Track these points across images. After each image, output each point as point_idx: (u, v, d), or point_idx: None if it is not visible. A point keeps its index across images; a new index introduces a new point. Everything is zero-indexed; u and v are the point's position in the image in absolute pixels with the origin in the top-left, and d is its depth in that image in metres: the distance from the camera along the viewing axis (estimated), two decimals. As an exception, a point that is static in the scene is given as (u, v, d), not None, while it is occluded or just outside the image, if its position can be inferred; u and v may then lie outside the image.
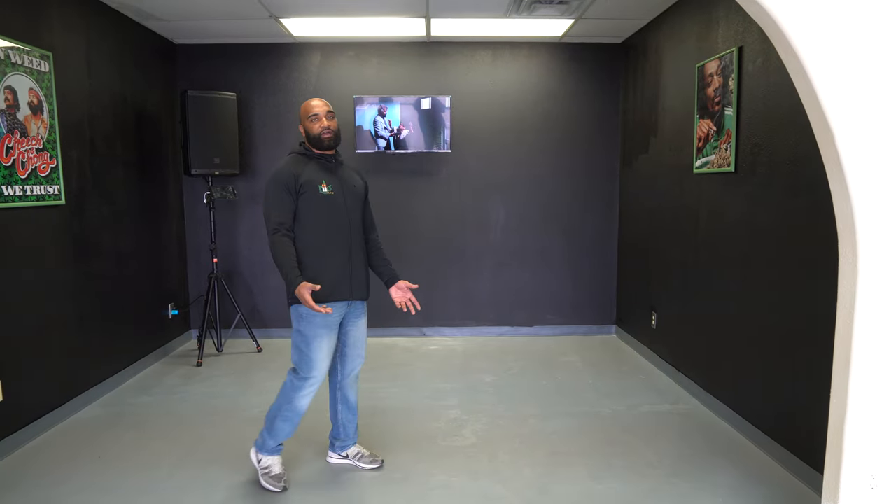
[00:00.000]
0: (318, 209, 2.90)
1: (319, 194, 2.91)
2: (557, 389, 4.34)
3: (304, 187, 2.88)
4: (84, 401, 4.00)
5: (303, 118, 3.00)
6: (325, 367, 2.93)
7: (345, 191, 3.01)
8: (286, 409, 2.95)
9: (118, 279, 4.47)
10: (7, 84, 3.35)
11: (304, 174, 2.91)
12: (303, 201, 2.88)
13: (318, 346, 2.88)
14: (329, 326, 2.91)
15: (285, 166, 2.93)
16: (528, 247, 5.73)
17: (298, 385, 2.92)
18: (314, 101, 3.02)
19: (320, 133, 2.95)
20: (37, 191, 3.56)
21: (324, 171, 2.98)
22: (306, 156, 3.00)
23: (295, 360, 2.93)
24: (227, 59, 5.46)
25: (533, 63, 5.55)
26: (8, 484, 3.03)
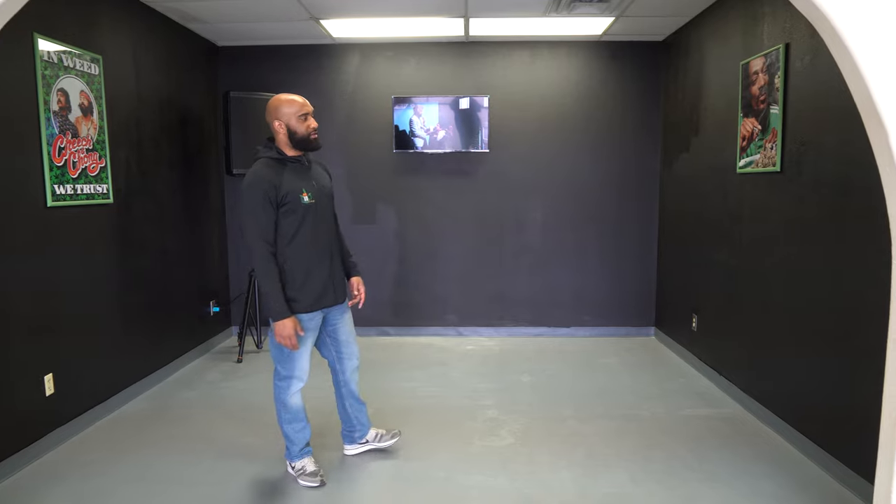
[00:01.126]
0: (301, 220, 2.79)
1: (302, 205, 2.79)
2: (595, 391, 4.30)
3: (287, 197, 2.74)
4: (130, 394, 4.11)
5: (287, 115, 2.79)
6: (306, 366, 2.94)
7: (322, 194, 2.93)
8: (284, 413, 2.99)
9: (162, 276, 4.57)
10: (60, 87, 3.45)
11: (283, 183, 2.75)
12: (285, 214, 2.75)
13: (300, 348, 2.88)
14: (312, 330, 2.92)
15: (262, 174, 2.74)
16: (566, 247, 5.69)
17: (283, 386, 2.94)
18: (296, 98, 2.84)
19: (309, 134, 2.84)
20: (86, 190, 3.67)
21: (301, 176, 2.84)
22: (280, 160, 2.83)
23: (276, 360, 2.92)
24: (268, 61, 5.55)
25: (572, 62, 5.51)
26: (57, 474, 3.12)
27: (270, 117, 2.85)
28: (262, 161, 2.82)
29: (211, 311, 5.37)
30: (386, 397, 4.18)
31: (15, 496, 2.90)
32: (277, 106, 2.82)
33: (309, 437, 3.09)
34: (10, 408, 3.11)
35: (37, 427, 3.28)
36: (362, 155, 5.61)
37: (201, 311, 5.22)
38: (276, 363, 2.93)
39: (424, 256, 5.74)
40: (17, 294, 3.15)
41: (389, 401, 4.12)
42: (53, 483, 3.03)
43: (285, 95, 2.86)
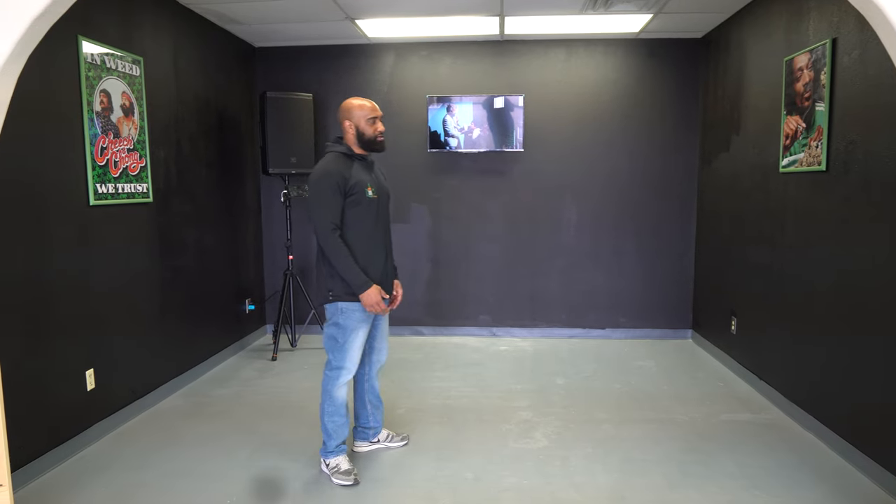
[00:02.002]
0: (364, 213, 2.95)
1: (367, 198, 2.95)
2: (631, 394, 4.23)
3: (354, 189, 2.91)
4: (167, 391, 4.17)
5: (357, 117, 2.99)
6: (357, 358, 3.04)
7: (382, 192, 3.10)
8: (329, 405, 3.04)
9: (200, 274, 4.64)
10: (103, 88, 3.52)
11: (352, 176, 2.92)
12: (351, 204, 2.91)
13: (353, 338, 2.99)
14: (367, 321, 3.02)
15: (334, 166, 2.91)
16: (601, 247, 5.62)
17: (333, 376, 3.02)
18: (368, 102, 3.04)
19: (376, 136, 3.02)
20: (127, 189, 3.74)
21: (366, 172, 3.02)
22: (348, 156, 3.01)
23: (329, 350, 3.03)
24: (304, 61, 5.59)
25: (609, 60, 5.43)
26: (97, 468, 3.19)
27: (342, 117, 3.03)
28: (331, 155, 2.99)
29: (246, 309, 5.43)
30: (419, 397, 4.17)
31: (57, 488, 2.97)
32: (349, 108, 3.01)
33: (346, 435, 3.12)
34: (54, 402, 3.18)
35: (78, 421, 3.35)
36: (396, 154, 5.61)
37: (237, 309, 5.29)
38: (329, 353, 3.03)
39: (458, 256, 5.72)
40: (59, 291, 3.22)
41: (423, 400, 4.11)
42: (94, 475, 3.09)
43: (357, 99, 3.06)
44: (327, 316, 3.01)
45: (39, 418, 3.08)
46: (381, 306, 2.93)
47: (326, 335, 3.03)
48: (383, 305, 2.95)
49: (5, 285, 2.88)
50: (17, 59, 2.21)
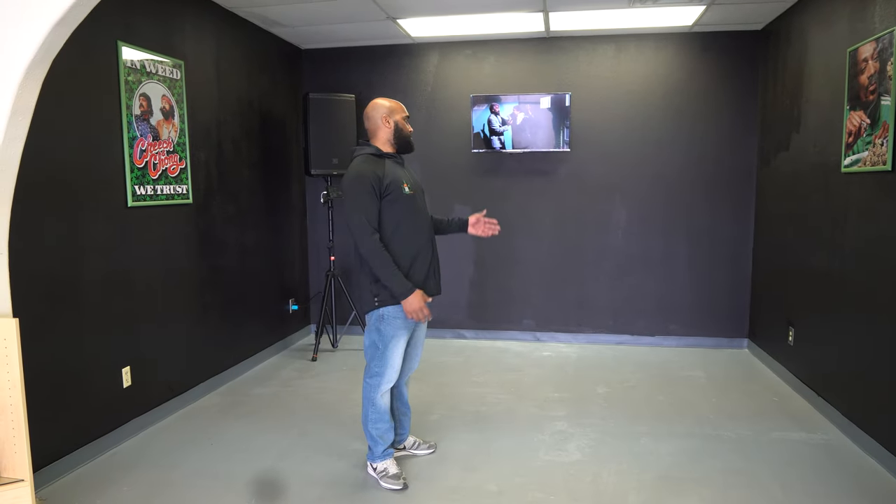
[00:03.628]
0: (404, 211, 2.90)
1: (404, 195, 2.91)
2: (676, 407, 4.02)
3: (390, 188, 2.86)
4: (206, 389, 4.24)
5: (395, 116, 2.99)
6: (398, 365, 2.99)
7: (418, 188, 3.06)
8: (372, 412, 3.01)
9: (242, 274, 4.70)
10: (142, 91, 3.60)
11: (387, 175, 2.88)
12: (388, 203, 2.86)
13: (395, 345, 2.94)
14: (408, 327, 2.97)
15: (367, 167, 2.87)
16: (652, 251, 5.39)
17: (374, 384, 2.99)
18: (397, 102, 3.04)
19: (410, 135, 3.03)
20: (166, 190, 3.81)
21: (399, 169, 3.00)
22: (379, 156, 2.97)
23: (369, 358, 2.99)
24: (349, 62, 5.59)
25: (660, 56, 5.20)
26: (130, 463, 3.25)
27: (376, 116, 2.98)
28: (362, 157, 2.94)
29: (290, 309, 5.47)
30: (453, 403, 4.09)
31: (87, 484, 3.04)
32: (388, 108, 2.99)
33: (392, 439, 3.10)
34: (90, 398, 3.27)
35: (114, 417, 3.43)
36: (440, 155, 5.55)
37: (280, 308, 5.34)
38: (369, 360, 2.99)
39: (502, 259, 5.61)
40: (97, 290, 3.30)
41: (457, 406, 4.03)
42: (126, 470, 3.15)
43: (387, 99, 3.05)
44: (368, 322, 2.97)
45: (74, 414, 3.17)
46: (423, 312, 2.86)
47: (367, 342, 2.99)
48: (426, 311, 2.87)
49: (46, 283, 2.97)
50: (39, 65, 2.25)
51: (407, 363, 3.16)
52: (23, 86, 2.21)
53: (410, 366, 3.20)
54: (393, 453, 3.11)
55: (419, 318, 2.86)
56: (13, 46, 2.16)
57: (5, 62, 2.17)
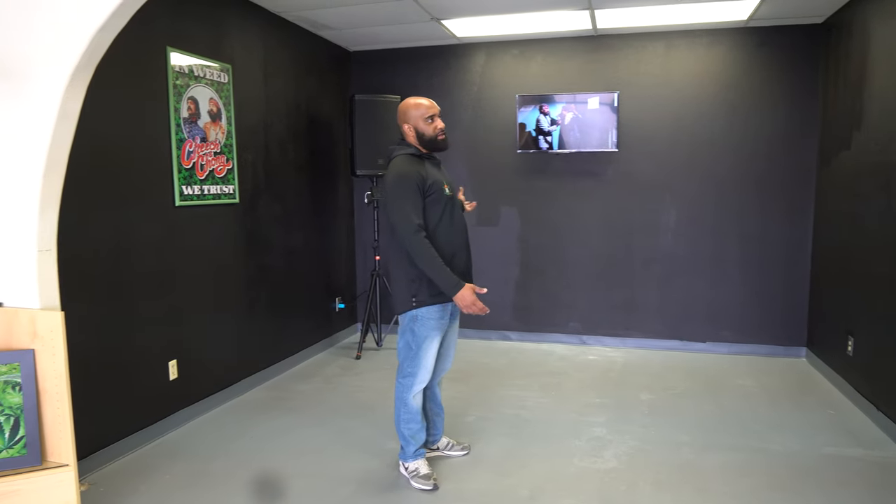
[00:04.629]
0: (444, 211, 2.90)
1: (445, 195, 2.91)
2: (723, 417, 3.88)
3: (432, 188, 2.86)
4: (251, 383, 4.35)
5: (414, 117, 2.95)
6: (430, 366, 2.99)
7: (455, 189, 3.06)
8: (404, 412, 3.02)
9: (289, 272, 4.80)
10: (190, 95, 3.72)
11: (428, 175, 2.88)
12: (430, 203, 2.86)
13: (428, 346, 2.95)
14: (442, 328, 2.97)
15: (409, 167, 2.86)
16: (704, 254, 5.22)
17: (407, 384, 3.00)
18: (423, 101, 2.97)
19: (436, 135, 2.96)
20: (213, 190, 3.92)
21: (438, 171, 2.99)
22: (417, 156, 2.96)
23: (402, 359, 3.00)
24: (395, 64, 5.64)
25: (713, 52, 5.03)
26: (173, 453, 3.37)
27: (400, 120, 3.00)
28: (402, 157, 2.93)
29: (336, 307, 5.56)
30: (492, 405, 4.07)
31: (131, 472, 3.16)
32: (406, 109, 2.97)
33: (424, 440, 3.11)
34: (137, 389, 3.40)
35: (160, 408, 3.56)
36: (486, 156, 5.53)
37: (327, 307, 5.43)
38: (402, 360, 3.01)
39: (548, 260, 5.54)
40: (146, 285, 3.43)
41: (495, 409, 4.01)
42: (165, 462, 3.27)
43: (413, 99, 2.99)
44: (402, 323, 2.98)
45: (123, 404, 3.31)
46: (478, 305, 2.81)
47: (401, 342, 3.01)
48: (480, 304, 2.83)
49: (98, 278, 3.11)
50: (84, 70, 2.35)
51: (440, 364, 3.16)
52: (68, 91, 2.32)
53: (443, 366, 3.20)
54: (425, 453, 3.12)
55: (475, 310, 2.81)
56: (58, 53, 2.27)
57: (51, 68, 2.28)
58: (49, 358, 2.30)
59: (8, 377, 2.20)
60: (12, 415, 2.20)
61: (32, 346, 2.27)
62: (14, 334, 2.30)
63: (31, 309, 2.31)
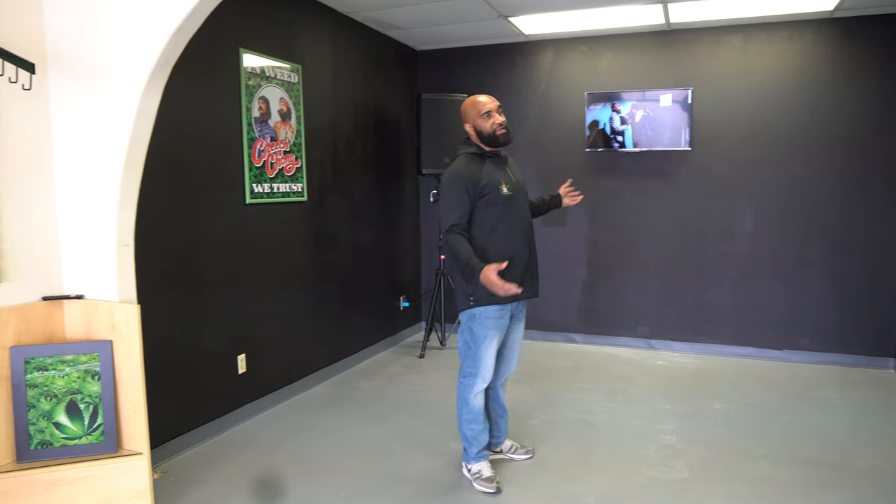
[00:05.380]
0: (499, 210, 2.85)
1: (501, 195, 2.86)
2: (802, 429, 3.68)
3: (487, 189, 2.83)
4: (316, 379, 4.41)
5: (472, 116, 2.93)
6: (491, 366, 2.95)
7: (519, 188, 2.99)
8: (466, 413, 2.99)
9: (355, 270, 4.85)
10: (261, 95, 3.80)
11: (483, 175, 2.85)
12: (484, 204, 2.83)
13: (487, 345, 2.90)
14: (500, 328, 2.92)
15: (462, 167, 2.87)
16: (782, 258, 4.97)
17: (468, 384, 2.97)
18: (480, 98, 2.94)
19: (494, 130, 2.89)
20: (283, 188, 4.00)
21: (499, 170, 2.93)
22: (479, 155, 2.93)
23: (462, 358, 2.98)
24: (462, 62, 5.62)
25: (794, 45, 4.79)
26: (238, 447, 3.44)
27: (463, 120, 3.00)
28: (462, 157, 2.95)
29: (401, 306, 5.58)
30: (557, 409, 3.99)
31: (206, 460, 3.25)
32: (465, 109, 2.97)
33: (487, 441, 3.07)
34: (208, 382, 3.50)
35: (229, 401, 3.65)
36: (554, 154, 5.44)
37: (392, 305, 5.46)
38: (463, 360, 3.00)
39: (616, 261, 5.40)
40: (218, 280, 3.53)
41: (559, 412, 3.93)
42: (233, 454, 3.34)
43: (470, 98, 2.99)
44: (462, 322, 2.97)
45: (194, 396, 3.41)
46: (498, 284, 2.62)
47: (460, 342, 3.00)
48: (500, 282, 2.63)
49: (172, 273, 3.22)
50: (161, 70, 2.42)
51: (502, 365, 3.11)
52: (147, 90, 2.40)
53: (507, 368, 3.15)
54: (488, 455, 3.08)
55: (500, 290, 2.63)
56: (136, 54, 2.34)
57: (130, 68, 2.36)
58: (126, 349, 2.39)
59: (88, 366, 2.29)
60: (91, 403, 2.29)
61: (111, 337, 2.37)
62: (94, 326, 2.40)
63: (109, 301, 2.40)
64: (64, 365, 2.26)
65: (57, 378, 2.26)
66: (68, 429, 2.28)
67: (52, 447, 2.26)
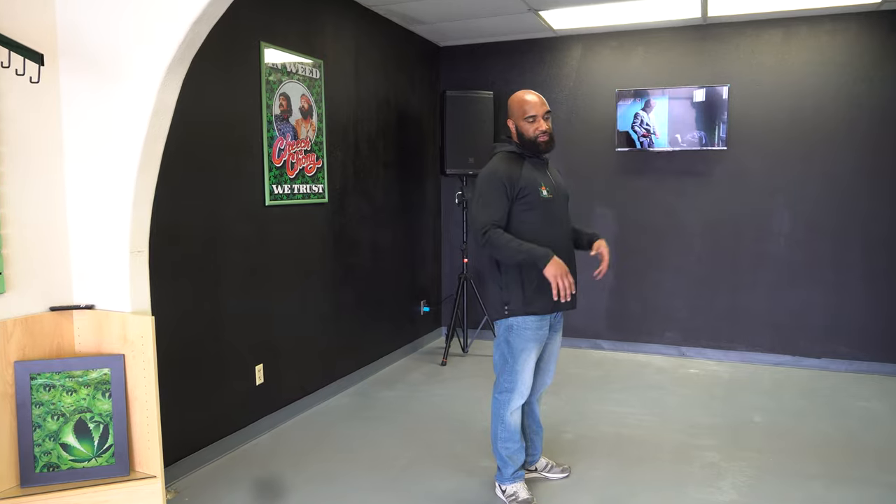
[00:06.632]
0: (538, 214, 2.67)
1: (540, 198, 2.67)
2: (852, 444, 3.46)
3: (525, 190, 2.65)
4: (336, 389, 4.23)
5: (516, 115, 2.74)
6: (529, 381, 2.76)
7: (559, 192, 2.79)
8: (502, 430, 2.80)
9: (375, 274, 4.66)
10: (282, 91, 3.62)
11: (523, 176, 2.67)
12: (522, 206, 2.65)
13: (525, 358, 2.72)
14: (539, 340, 2.72)
15: (501, 166, 2.69)
16: (820, 262, 4.74)
17: (504, 400, 2.77)
18: (529, 98, 2.72)
19: (536, 137, 2.70)
20: (303, 189, 3.82)
21: (539, 172, 2.75)
22: (519, 155, 2.75)
23: (499, 373, 2.79)
24: (488, 59, 5.43)
25: (837, 40, 4.55)
26: (256, 463, 3.27)
27: (507, 115, 2.81)
28: (500, 155, 2.78)
29: (421, 311, 5.40)
30: (590, 422, 3.79)
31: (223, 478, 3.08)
32: (511, 105, 2.78)
33: (523, 461, 2.88)
34: (225, 394, 3.33)
35: (247, 414, 3.48)
36: (582, 153, 5.23)
37: (412, 310, 5.27)
38: (499, 374, 2.81)
39: (646, 265, 5.19)
40: (235, 287, 3.35)
41: (594, 426, 3.73)
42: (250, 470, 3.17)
43: (520, 94, 2.77)
44: (497, 333, 2.78)
45: (210, 409, 3.23)
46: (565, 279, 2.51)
47: (496, 354, 2.80)
48: (570, 279, 2.53)
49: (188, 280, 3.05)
50: (180, 63, 2.25)
51: (539, 378, 2.92)
52: (164, 84, 2.22)
53: (543, 381, 2.96)
54: (524, 475, 2.89)
55: (563, 282, 2.50)
56: (154, 45, 2.17)
57: (147, 61, 2.19)
58: (139, 364, 2.21)
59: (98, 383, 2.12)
60: (102, 422, 2.12)
61: (123, 351, 2.19)
62: (105, 338, 2.23)
63: (122, 312, 2.23)
64: (72, 381, 2.09)
65: (65, 395, 2.09)
66: (76, 450, 2.10)
67: (60, 470, 2.09)
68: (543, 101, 2.74)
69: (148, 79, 2.20)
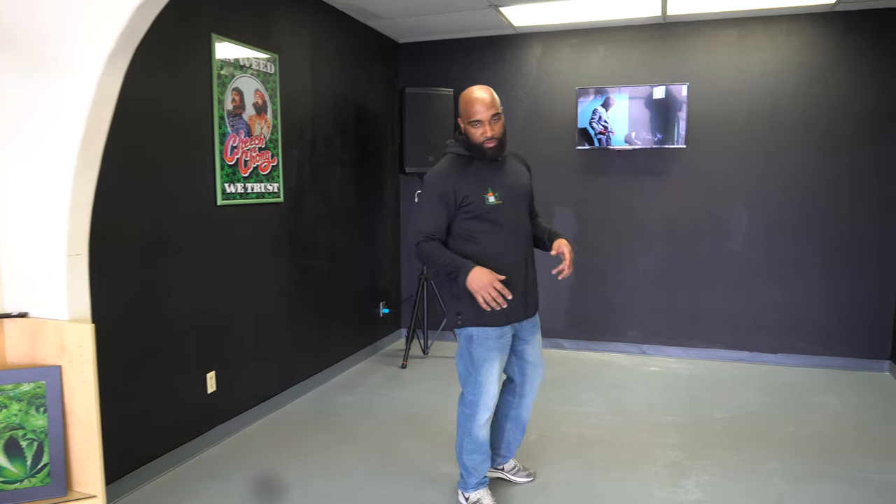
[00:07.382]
0: (484, 222, 2.53)
1: (486, 205, 2.53)
2: (811, 440, 3.49)
3: (469, 199, 2.51)
4: (293, 394, 4.10)
5: (464, 117, 2.55)
6: (495, 392, 2.64)
7: (513, 194, 2.61)
8: (468, 442, 2.70)
9: (332, 275, 4.54)
10: (235, 86, 3.47)
11: (466, 183, 2.52)
12: (466, 214, 2.52)
13: (487, 369, 2.59)
14: (501, 349, 2.61)
15: (444, 172, 2.56)
16: (777, 260, 4.81)
17: (469, 413, 2.65)
18: (478, 96, 2.51)
19: (482, 143, 2.53)
20: (257, 189, 3.68)
21: (488, 175, 2.58)
22: (468, 157, 2.60)
23: (463, 383, 2.67)
24: (448, 56, 5.34)
25: (792, 40, 4.62)
26: (210, 474, 3.12)
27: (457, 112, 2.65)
28: (448, 157, 2.64)
29: (381, 313, 5.29)
30: (553, 423, 3.75)
31: (173, 492, 2.92)
32: (460, 103, 2.60)
33: (488, 469, 2.78)
34: (174, 404, 3.16)
35: (198, 424, 3.32)
36: (542, 152, 5.18)
37: (371, 312, 5.16)
38: (463, 385, 2.68)
39: (606, 264, 5.18)
40: (182, 292, 3.19)
41: (556, 426, 3.69)
42: (205, 482, 3.02)
43: (469, 93, 2.56)
44: (459, 344, 2.67)
45: (158, 420, 3.07)
46: (495, 290, 2.37)
47: (460, 365, 2.68)
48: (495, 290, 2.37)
49: (132, 284, 2.88)
50: (122, 53, 2.09)
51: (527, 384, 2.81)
52: (105, 75, 2.06)
53: (532, 386, 2.83)
54: (488, 482, 2.80)
55: (489, 296, 2.37)
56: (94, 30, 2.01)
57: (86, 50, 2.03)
58: (77, 375, 2.05)
59: (32, 397, 1.96)
60: (35, 439, 1.96)
61: (59, 362, 2.03)
62: (39, 348, 2.06)
63: (58, 320, 2.06)
64: (2, 396, 1.92)
65: (-4, 410, 1.92)
66: (7, 471, 1.94)
67: (-9, 491, 1.93)
68: (493, 101, 2.53)
69: (87, 67, 2.04)
